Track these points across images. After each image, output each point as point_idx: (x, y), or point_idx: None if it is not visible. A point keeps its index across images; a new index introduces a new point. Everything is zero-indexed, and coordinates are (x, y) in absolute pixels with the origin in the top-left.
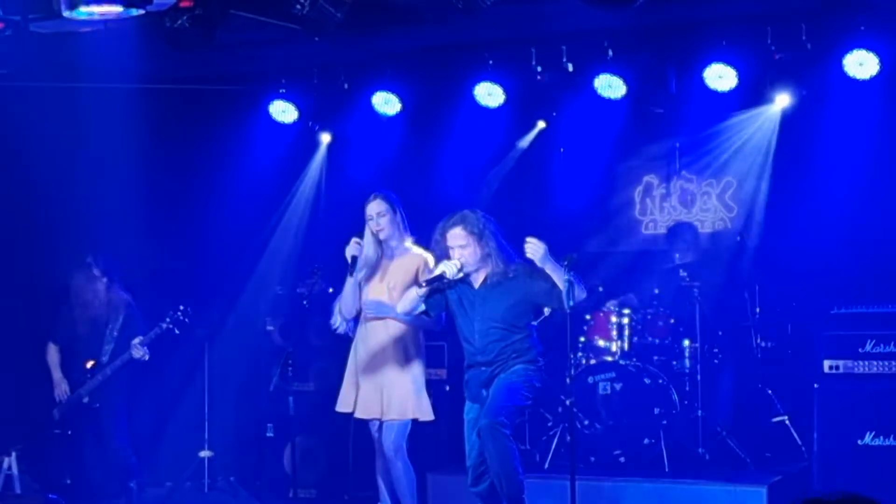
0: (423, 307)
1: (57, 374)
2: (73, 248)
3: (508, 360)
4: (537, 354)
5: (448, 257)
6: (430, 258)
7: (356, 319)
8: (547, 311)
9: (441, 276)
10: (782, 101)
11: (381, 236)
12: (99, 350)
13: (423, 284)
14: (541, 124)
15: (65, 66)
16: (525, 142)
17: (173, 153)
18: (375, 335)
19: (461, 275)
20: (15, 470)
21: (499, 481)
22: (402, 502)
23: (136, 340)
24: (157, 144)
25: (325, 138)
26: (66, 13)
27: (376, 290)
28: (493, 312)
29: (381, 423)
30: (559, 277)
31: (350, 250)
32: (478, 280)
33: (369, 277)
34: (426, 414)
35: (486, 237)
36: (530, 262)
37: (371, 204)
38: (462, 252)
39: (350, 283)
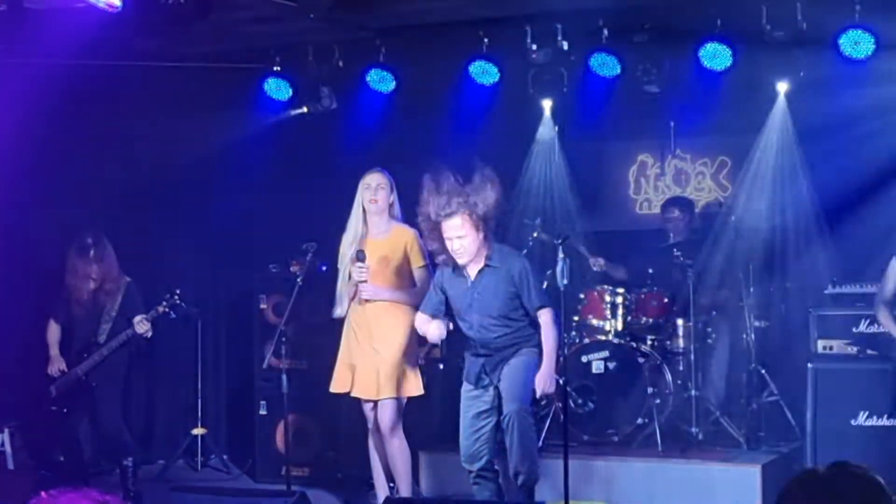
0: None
1: (54, 350)
2: (71, 226)
3: (512, 345)
4: (540, 340)
5: (443, 248)
6: (416, 234)
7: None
8: None
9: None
10: (777, 80)
11: (373, 209)
12: (96, 329)
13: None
14: (547, 104)
15: (59, 43)
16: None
17: (167, 130)
18: (369, 315)
19: (450, 327)
20: (8, 447)
21: (521, 465)
22: (396, 480)
23: (138, 318)
24: (151, 122)
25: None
26: None
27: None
28: (489, 308)
29: (377, 402)
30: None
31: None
32: (472, 272)
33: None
34: (418, 389)
35: (485, 224)
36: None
37: (372, 175)
38: (461, 243)
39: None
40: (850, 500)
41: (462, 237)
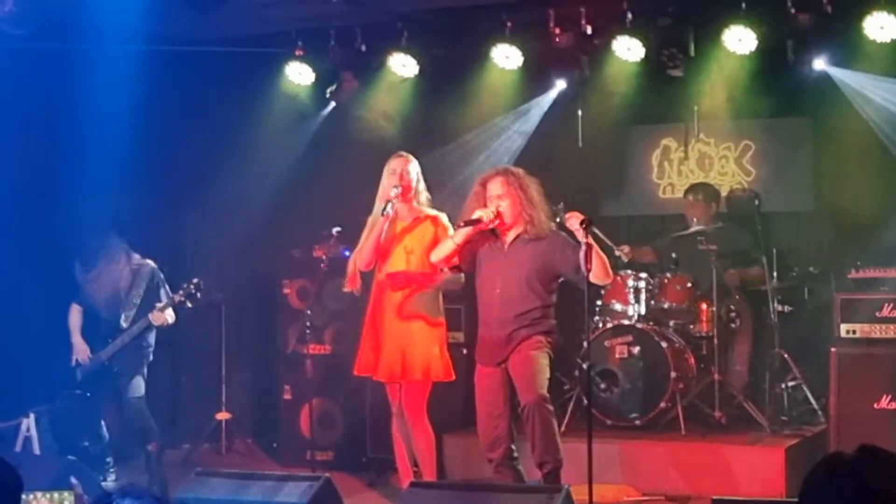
0: (455, 259)
1: (76, 337)
2: (94, 211)
3: (523, 328)
4: (552, 327)
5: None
6: (444, 216)
7: (370, 279)
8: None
9: (478, 220)
10: (800, 62)
11: (398, 193)
12: (118, 310)
13: (462, 224)
14: (560, 84)
15: (77, 28)
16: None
17: (187, 116)
18: (396, 298)
19: (497, 222)
20: (33, 432)
21: (545, 455)
22: (420, 464)
23: (155, 310)
24: (172, 108)
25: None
26: None
27: (395, 257)
28: (518, 271)
29: (402, 385)
30: (597, 252)
31: (387, 193)
32: (509, 238)
33: (384, 243)
34: (447, 374)
35: (527, 194)
36: (566, 234)
37: (397, 159)
38: (500, 203)
39: (378, 225)
40: (878, 484)
41: (502, 197)
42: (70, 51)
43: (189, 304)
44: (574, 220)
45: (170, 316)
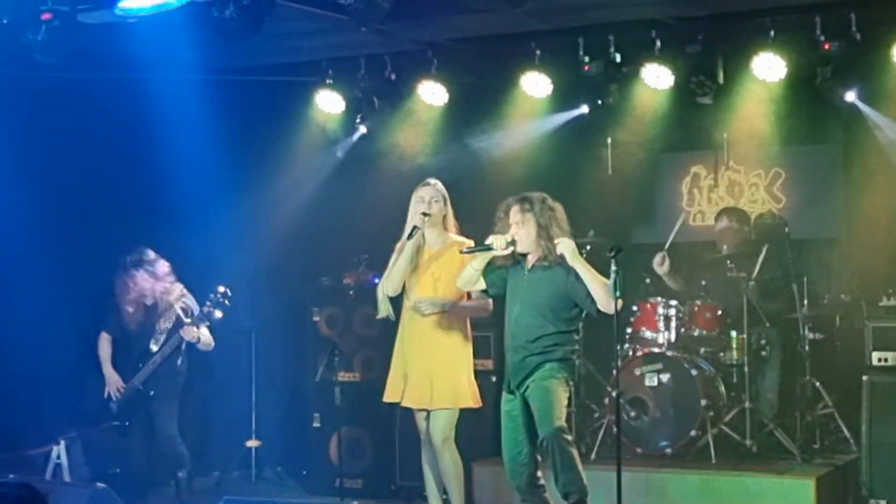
0: (482, 283)
1: (108, 369)
2: (125, 238)
3: (535, 354)
4: (567, 355)
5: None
6: (472, 243)
7: (398, 303)
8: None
9: (488, 247)
10: (829, 90)
11: (428, 222)
12: (149, 339)
13: (467, 250)
14: (589, 112)
15: (112, 57)
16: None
17: (219, 144)
18: (424, 324)
19: (510, 249)
20: (64, 459)
21: (569, 486)
22: (449, 492)
23: (188, 322)
24: (204, 135)
25: (364, 129)
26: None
27: (423, 284)
28: (534, 297)
29: (429, 412)
30: (589, 279)
31: (414, 220)
32: (529, 263)
33: (412, 270)
34: (475, 401)
35: (544, 220)
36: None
37: (426, 187)
38: (517, 230)
39: (406, 249)
40: None
41: (519, 224)
42: (100, 80)
43: (219, 314)
44: (560, 247)
45: (203, 334)
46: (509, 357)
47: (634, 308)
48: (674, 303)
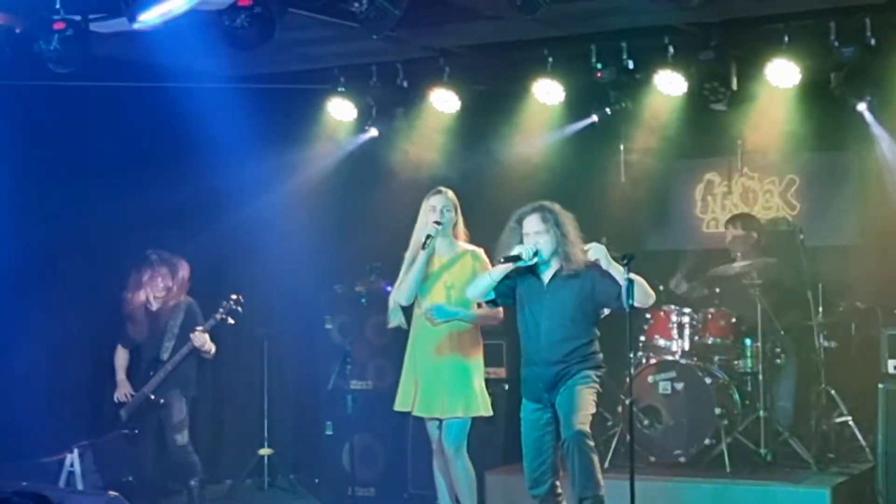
0: (492, 294)
1: (121, 375)
2: (140, 248)
3: (572, 365)
4: (600, 361)
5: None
6: (482, 252)
7: (410, 312)
8: (606, 311)
9: (517, 256)
10: (844, 96)
11: (439, 231)
12: (159, 347)
13: (501, 261)
14: (602, 119)
15: (118, 66)
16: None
17: (231, 151)
18: (434, 333)
19: (535, 259)
20: (77, 467)
21: (585, 491)
22: (461, 501)
23: (199, 328)
24: (215, 143)
25: (374, 133)
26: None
27: (435, 293)
28: (561, 309)
29: (441, 421)
30: (620, 278)
31: (426, 229)
32: (548, 274)
33: (423, 278)
34: (487, 410)
35: (563, 230)
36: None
37: (438, 196)
38: (537, 239)
39: (420, 258)
40: None
41: (539, 233)
42: (111, 89)
43: (231, 321)
44: (592, 253)
45: (209, 343)
46: (540, 370)
47: (647, 316)
48: (687, 310)
